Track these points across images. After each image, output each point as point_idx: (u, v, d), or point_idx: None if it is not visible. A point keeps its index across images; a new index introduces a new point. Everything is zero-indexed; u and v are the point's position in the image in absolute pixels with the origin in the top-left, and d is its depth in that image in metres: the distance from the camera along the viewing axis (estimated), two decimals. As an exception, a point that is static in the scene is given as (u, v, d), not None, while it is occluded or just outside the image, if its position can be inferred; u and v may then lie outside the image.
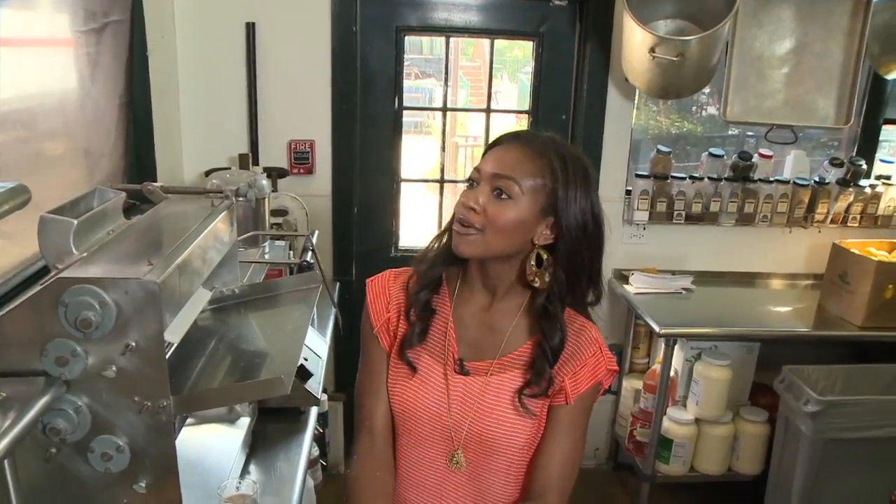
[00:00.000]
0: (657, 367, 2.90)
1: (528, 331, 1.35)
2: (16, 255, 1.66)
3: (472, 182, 1.29)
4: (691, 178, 3.13)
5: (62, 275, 1.04)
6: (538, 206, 1.25)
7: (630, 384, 3.21)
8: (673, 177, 3.12)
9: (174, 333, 1.25)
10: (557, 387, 1.31)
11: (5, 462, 1.00)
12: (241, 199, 2.19)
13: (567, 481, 1.34)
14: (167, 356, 1.17)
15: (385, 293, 1.41)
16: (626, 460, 3.28)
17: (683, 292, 3.10)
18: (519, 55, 3.34)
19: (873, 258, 2.78)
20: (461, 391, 1.34)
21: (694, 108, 3.56)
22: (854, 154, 3.32)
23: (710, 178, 3.15)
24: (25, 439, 0.99)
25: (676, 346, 2.88)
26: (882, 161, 3.35)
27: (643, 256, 3.22)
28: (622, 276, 3.18)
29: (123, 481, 1.12)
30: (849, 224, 3.25)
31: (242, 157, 2.69)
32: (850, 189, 3.18)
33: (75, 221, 1.15)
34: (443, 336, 1.36)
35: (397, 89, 3.04)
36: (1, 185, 1.07)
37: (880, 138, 3.39)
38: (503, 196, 1.24)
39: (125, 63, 2.24)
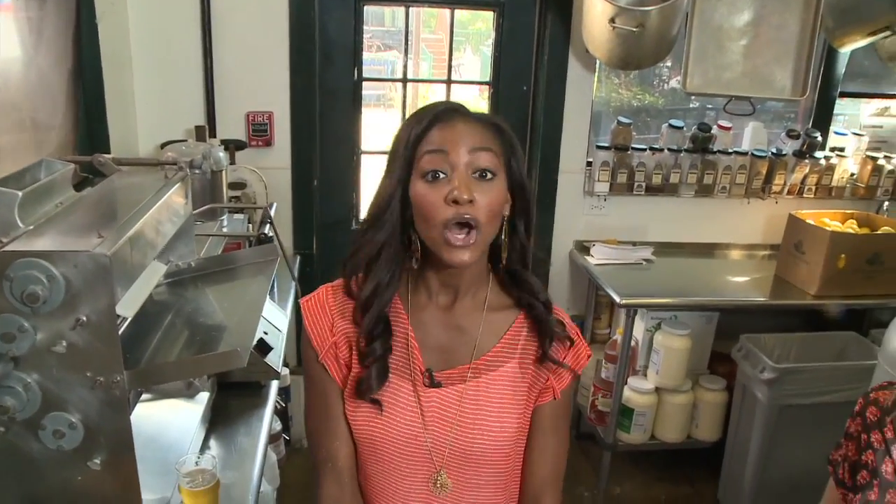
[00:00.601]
0: (618, 337, 2.93)
1: (502, 323, 1.21)
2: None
3: (435, 175, 1.08)
4: (651, 149, 3.15)
5: (6, 248, 1.01)
6: (505, 175, 1.12)
7: (591, 355, 3.24)
8: (633, 148, 3.14)
9: (127, 307, 1.22)
10: (543, 383, 1.20)
11: (-49, 441, 0.97)
12: (196, 170, 2.15)
13: (560, 477, 1.26)
14: (120, 331, 1.15)
15: (325, 314, 1.20)
16: (589, 430, 3.32)
17: (644, 263, 3.13)
18: (482, 28, 3.31)
19: (827, 228, 2.83)
20: (436, 406, 1.17)
21: (655, 82, 3.57)
22: (810, 126, 3.37)
23: (670, 149, 3.18)
24: (-29, 418, 0.96)
25: (637, 317, 2.91)
26: (836, 133, 3.40)
27: (604, 228, 3.24)
28: (583, 248, 3.20)
29: (77, 459, 1.10)
30: (804, 195, 3.30)
31: (199, 129, 2.63)
32: (806, 161, 3.23)
33: (20, 193, 1.12)
34: (404, 349, 1.18)
35: (357, 60, 3.00)
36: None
37: (835, 111, 3.45)
38: (488, 175, 1.08)
39: (73, 31, 2.17)
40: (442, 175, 1.07)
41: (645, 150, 3.13)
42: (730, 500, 2.96)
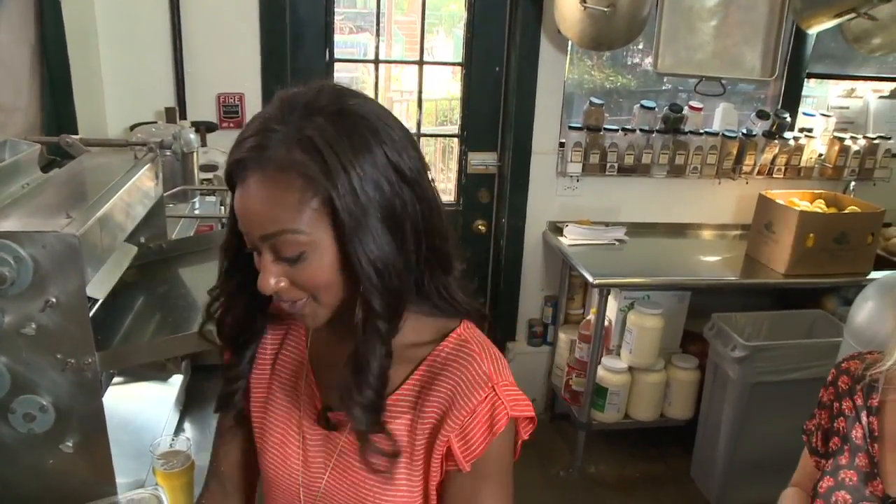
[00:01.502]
0: (591, 317, 2.96)
1: (409, 362, 0.97)
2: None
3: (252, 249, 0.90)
4: (623, 129, 3.16)
5: (-28, 228, 0.99)
6: (330, 225, 0.84)
7: (565, 335, 3.26)
8: (606, 129, 3.15)
9: (98, 289, 1.21)
10: (443, 447, 0.93)
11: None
12: (166, 152, 2.12)
13: None
14: (91, 313, 1.13)
15: None
16: (563, 410, 3.35)
17: (617, 243, 3.15)
18: (455, 10, 3.30)
19: (796, 208, 2.87)
20: (321, 446, 1.02)
21: (628, 63, 3.58)
22: (779, 107, 3.40)
23: (641, 129, 3.19)
24: (-61, 401, 0.95)
25: (610, 296, 2.93)
26: (804, 114, 3.44)
27: (577, 208, 3.25)
28: (556, 229, 3.21)
29: (49, 442, 1.09)
30: (774, 175, 3.34)
31: (169, 110, 2.60)
32: (776, 141, 3.27)
33: (-16, 173, 1.09)
34: (297, 378, 1.05)
35: (328, 42, 2.97)
36: None
37: (803, 93, 3.48)
38: (296, 259, 0.85)
39: (34, 5, 2.11)
40: (256, 252, 0.89)
41: (617, 130, 3.14)
42: (702, 477, 3.01)
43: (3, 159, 1.25)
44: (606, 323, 2.99)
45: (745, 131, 3.27)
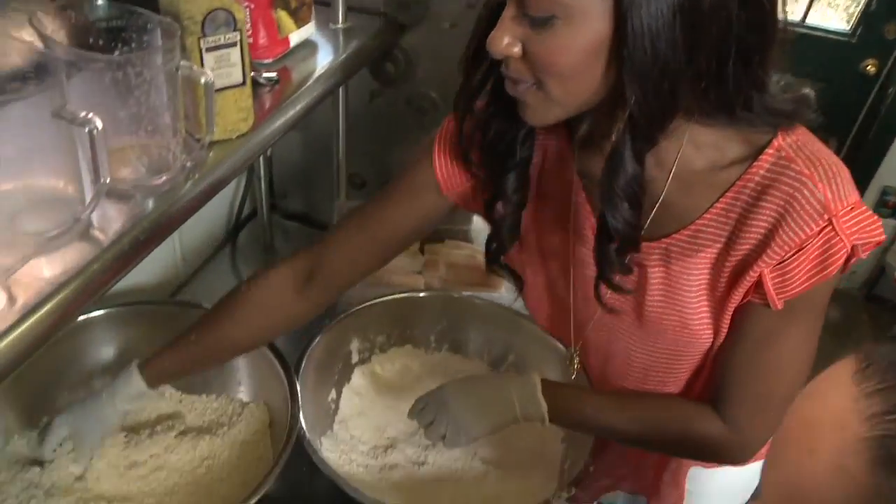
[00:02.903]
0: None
1: (712, 187, 0.83)
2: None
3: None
4: None
5: None
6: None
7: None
8: None
9: None
10: (751, 278, 0.82)
11: None
12: None
13: (762, 410, 0.88)
14: None
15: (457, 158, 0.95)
16: (884, 293, 2.99)
17: None
18: None
19: None
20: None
21: None
22: None
23: None
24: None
25: None
26: None
27: None
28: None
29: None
30: None
31: None
32: None
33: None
34: (564, 198, 0.94)
35: None
36: None
37: None
38: (542, 22, 0.70)
39: None
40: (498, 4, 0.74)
41: None
42: None
43: None
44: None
45: None
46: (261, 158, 1.55)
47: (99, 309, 1.16)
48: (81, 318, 1.09)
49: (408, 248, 1.18)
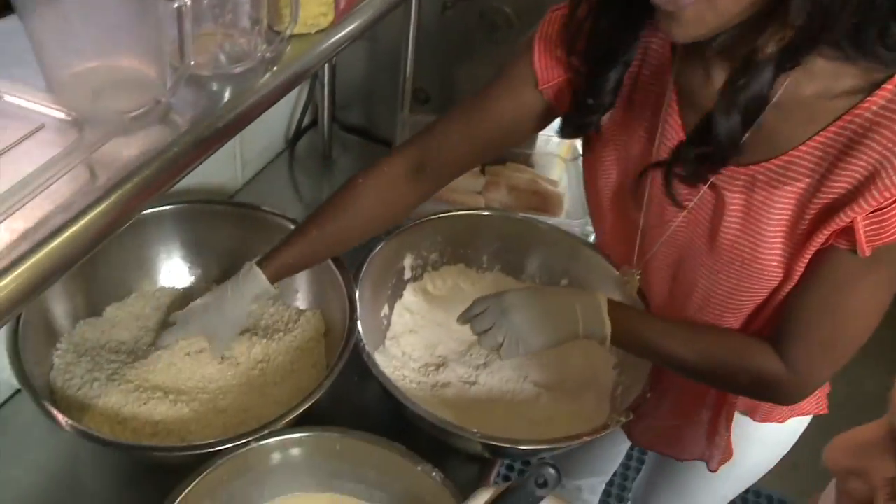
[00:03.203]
0: None
1: (815, 117, 0.78)
2: None
3: None
4: None
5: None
6: None
7: None
8: None
9: None
10: (841, 221, 0.77)
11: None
12: None
13: (824, 355, 0.87)
14: None
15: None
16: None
17: None
18: None
19: None
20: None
21: None
22: None
23: None
24: None
25: None
26: None
27: None
28: None
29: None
30: None
31: None
32: None
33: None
34: (655, 108, 0.90)
35: None
36: None
37: None
38: None
39: None
40: None
41: None
42: None
43: None
44: None
45: None
46: (325, 66, 1.51)
47: (164, 205, 1.17)
48: (148, 210, 1.09)
49: (507, 146, 1.19)
